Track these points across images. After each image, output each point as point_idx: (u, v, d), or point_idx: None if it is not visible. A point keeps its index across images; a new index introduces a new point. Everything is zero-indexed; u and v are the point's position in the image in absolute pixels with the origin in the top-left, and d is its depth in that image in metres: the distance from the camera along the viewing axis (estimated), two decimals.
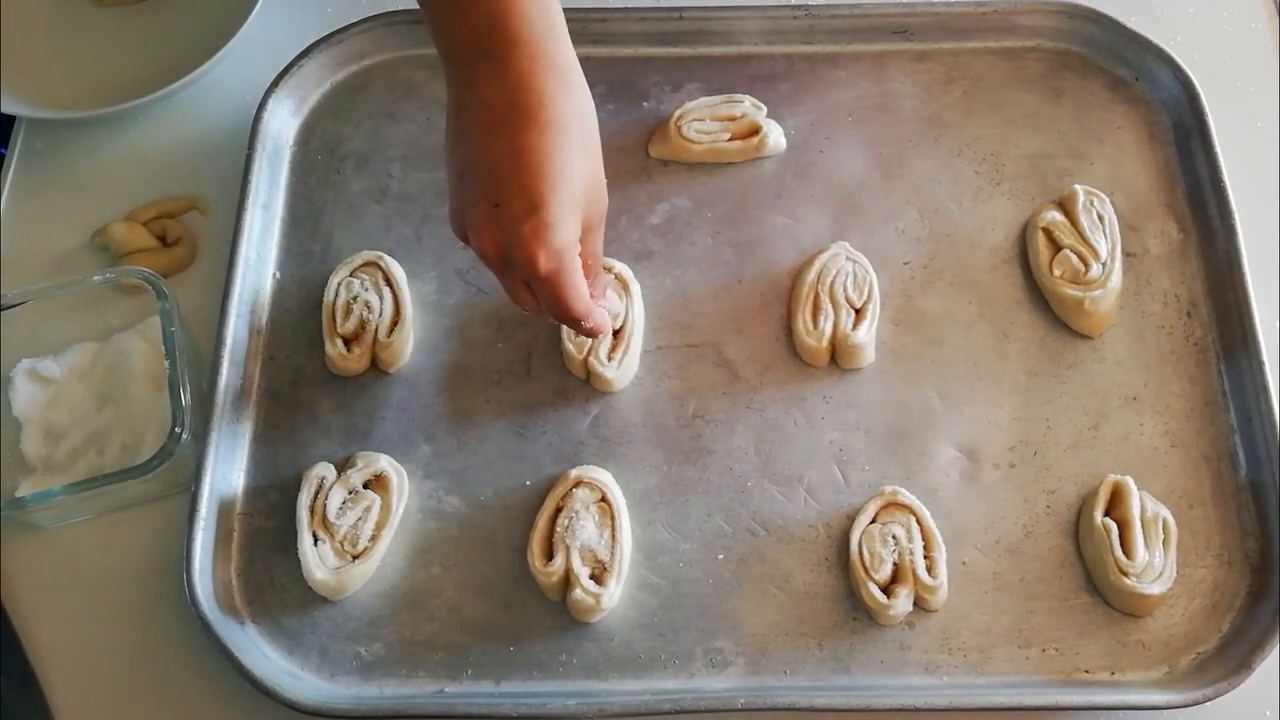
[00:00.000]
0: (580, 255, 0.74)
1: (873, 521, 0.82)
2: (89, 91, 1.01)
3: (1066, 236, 0.90)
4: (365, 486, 0.84)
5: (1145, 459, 0.85)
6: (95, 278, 0.88)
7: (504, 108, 0.70)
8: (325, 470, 0.84)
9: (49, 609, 0.83)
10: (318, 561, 0.81)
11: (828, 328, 0.87)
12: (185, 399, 0.82)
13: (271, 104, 0.96)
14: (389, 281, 0.91)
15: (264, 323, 0.91)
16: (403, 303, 0.90)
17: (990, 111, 0.98)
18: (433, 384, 0.89)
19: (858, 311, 0.88)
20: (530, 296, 0.75)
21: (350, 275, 0.91)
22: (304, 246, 0.94)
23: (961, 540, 0.82)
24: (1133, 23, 0.99)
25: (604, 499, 0.83)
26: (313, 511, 0.82)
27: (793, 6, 1.00)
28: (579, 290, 0.73)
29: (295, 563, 0.81)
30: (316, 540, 0.82)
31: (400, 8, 1.01)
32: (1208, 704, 0.76)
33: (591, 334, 0.79)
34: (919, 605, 0.80)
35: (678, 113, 0.96)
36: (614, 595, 0.80)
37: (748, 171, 0.96)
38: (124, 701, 0.80)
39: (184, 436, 0.82)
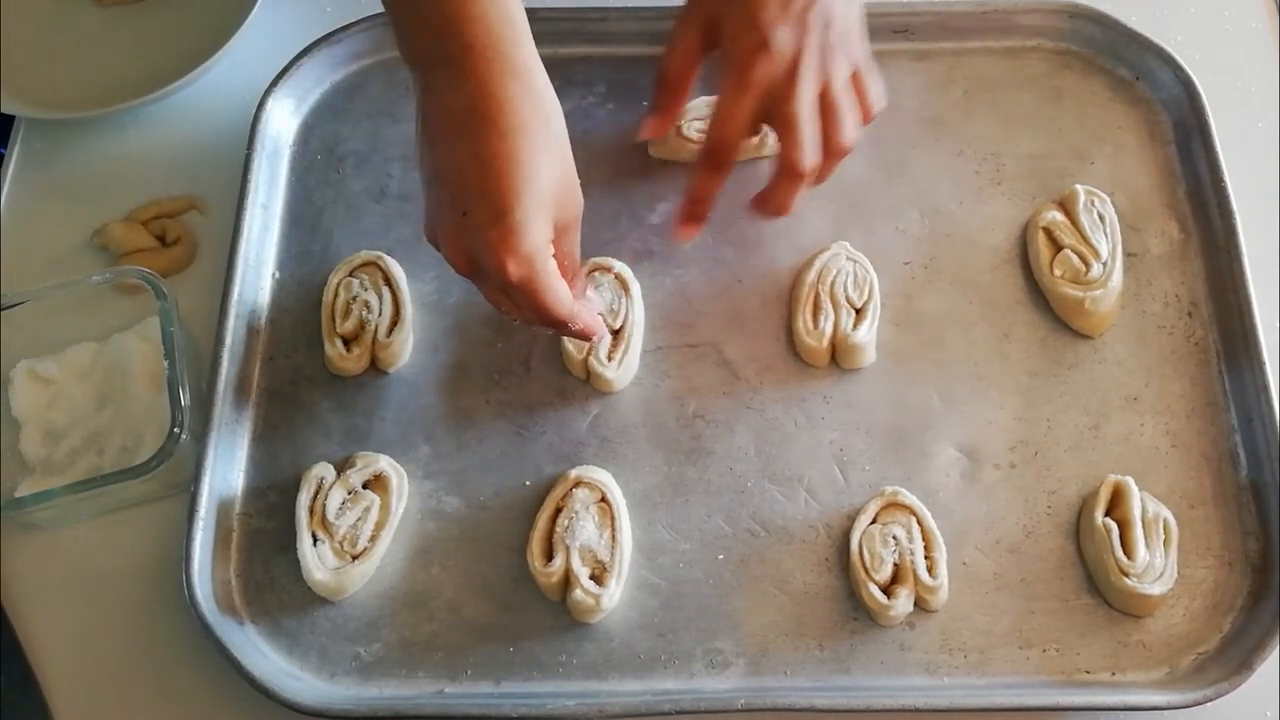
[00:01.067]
0: (556, 257, 0.74)
1: (873, 522, 0.81)
2: (89, 91, 1.00)
3: (1067, 236, 0.90)
4: (365, 487, 0.83)
5: (1146, 459, 0.85)
6: (95, 278, 0.88)
7: (465, 114, 0.70)
8: (325, 470, 0.84)
9: (49, 609, 0.83)
10: (317, 562, 0.80)
11: (828, 328, 0.87)
12: (185, 399, 0.82)
13: (271, 104, 0.96)
14: (388, 281, 0.90)
15: (263, 322, 0.91)
16: (402, 303, 0.90)
17: (991, 111, 0.98)
18: (432, 384, 0.89)
19: (858, 311, 0.88)
20: (510, 302, 0.75)
21: (350, 275, 0.91)
22: (304, 246, 0.94)
23: (962, 541, 0.82)
24: (1133, 22, 0.99)
25: (604, 499, 0.83)
26: (312, 512, 0.82)
27: None
28: (557, 293, 0.73)
29: (295, 563, 0.81)
30: (316, 540, 0.81)
31: None
32: (1209, 704, 0.76)
33: (583, 336, 0.79)
34: (919, 606, 0.80)
35: None
36: (614, 596, 0.80)
37: (748, 171, 0.96)
38: (124, 701, 0.80)
39: (183, 437, 0.82)
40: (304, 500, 0.82)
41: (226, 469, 0.85)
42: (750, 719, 0.77)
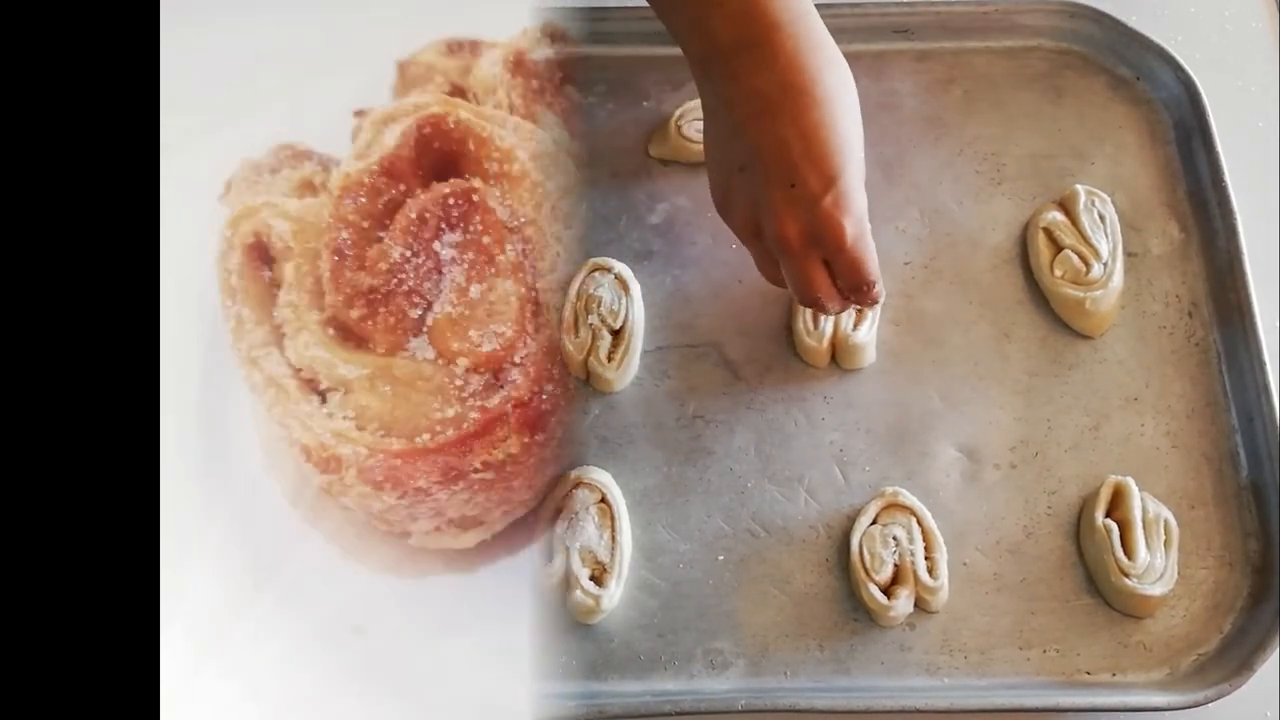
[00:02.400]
0: None
1: (873, 522, 0.81)
2: None
3: (1067, 236, 0.90)
4: None
5: (1146, 459, 0.85)
6: None
7: (777, 92, 0.71)
8: None
9: None
10: None
11: (828, 328, 0.87)
12: None
13: None
14: None
15: None
16: None
17: (991, 111, 0.98)
18: None
19: (858, 311, 0.88)
20: (824, 276, 0.76)
21: None
22: None
23: (962, 541, 0.82)
24: (1134, 22, 0.98)
25: (604, 500, 0.82)
26: None
27: None
28: (874, 252, 0.76)
29: None
30: None
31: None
32: (1209, 705, 0.76)
33: (875, 300, 0.80)
34: (920, 606, 0.80)
35: (678, 112, 0.96)
36: (614, 596, 0.80)
37: None
38: None
39: None
40: None
41: None
42: None
